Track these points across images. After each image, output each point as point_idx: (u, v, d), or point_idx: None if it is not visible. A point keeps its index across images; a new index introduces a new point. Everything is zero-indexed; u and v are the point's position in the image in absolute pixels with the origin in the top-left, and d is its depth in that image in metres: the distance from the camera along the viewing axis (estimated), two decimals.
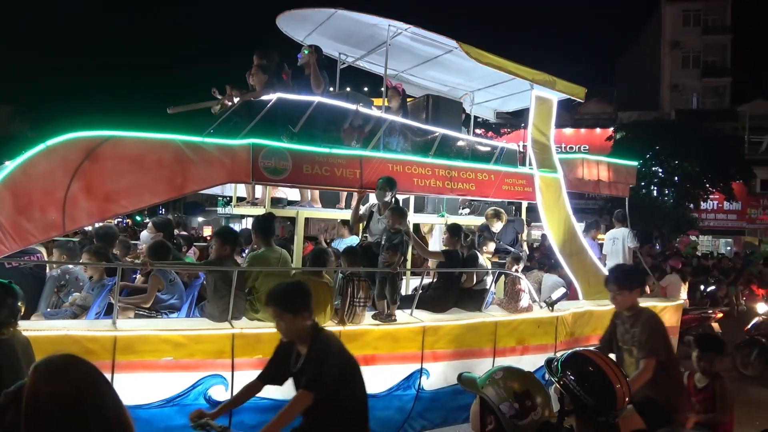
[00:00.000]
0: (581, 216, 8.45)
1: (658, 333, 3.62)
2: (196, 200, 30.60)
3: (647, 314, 3.73)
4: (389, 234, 5.16)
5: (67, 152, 4.25)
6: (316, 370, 2.90)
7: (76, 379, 1.27)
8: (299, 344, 3.03)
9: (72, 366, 1.31)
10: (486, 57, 6.42)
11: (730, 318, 14.09)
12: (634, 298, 3.78)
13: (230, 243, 4.75)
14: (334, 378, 2.90)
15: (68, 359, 1.33)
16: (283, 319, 2.95)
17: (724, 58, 34.47)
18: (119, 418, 1.31)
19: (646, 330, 3.59)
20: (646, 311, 3.78)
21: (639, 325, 3.64)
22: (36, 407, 1.24)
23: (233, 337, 4.30)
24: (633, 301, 3.77)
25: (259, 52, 6.09)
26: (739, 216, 29.62)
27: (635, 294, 3.78)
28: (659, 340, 3.60)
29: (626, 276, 3.86)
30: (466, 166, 6.48)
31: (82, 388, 1.25)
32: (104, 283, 4.80)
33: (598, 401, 1.99)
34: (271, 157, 5.00)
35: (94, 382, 1.30)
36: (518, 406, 1.97)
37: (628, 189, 8.39)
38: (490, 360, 5.34)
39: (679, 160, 23.17)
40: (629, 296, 3.74)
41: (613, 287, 3.80)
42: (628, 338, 3.71)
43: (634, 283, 3.82)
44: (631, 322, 3.72)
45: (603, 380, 2.02)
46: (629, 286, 3.74)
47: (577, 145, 30.63)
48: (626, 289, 3.73)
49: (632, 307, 3.77)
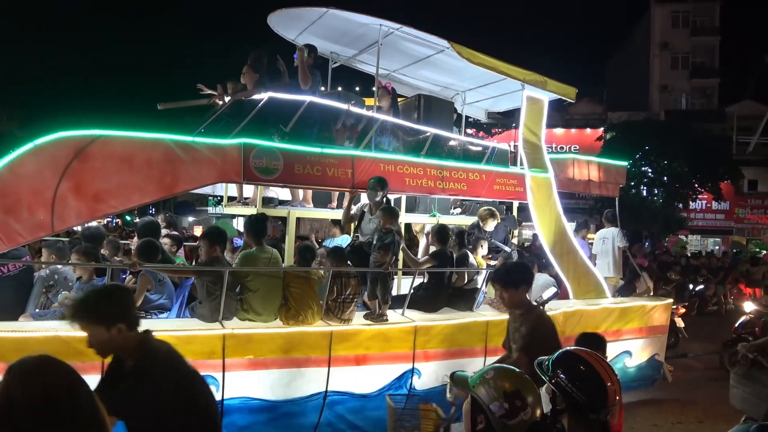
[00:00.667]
0: (572, 216, 8.48)
1: (538, 333, 3.44)
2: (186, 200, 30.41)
3: (535, 314, 3.57)
4: (380, 234, 5.17)
5: (55, 151, 4.21)
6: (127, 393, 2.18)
7: (52, 380, 1.25)
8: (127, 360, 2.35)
9: (47, 367, 1.29)
10: (477, 57, 6.43)
11: (718, 317, 14.26)
12: (521, 296, 3.60)
13: (219, 244, 4.73)
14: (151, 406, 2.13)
15: (43, 360, 1.30)
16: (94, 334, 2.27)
17: (712, 59, 34.75)
18: (95, 419, 1.29)
19: (527, 329, 3.46)
20: (536, 311, 3.59)
21: (525, 324, 3.50)
22: (10, 409, 1.22)
23: (224, 337, 4.28)
24: (520, 299, 3.60)
25: (254, 53, 6.09)
26: (727, 216, 29.89)
27: (522, 292, 3.60)
28: (537, 340, 3.39)
29: (510, 274, 3.67)
30: (458, 165, 6.49)
31: (57, 390, 1.24)
32: (93, 284, 4.76)
33: (589, 399, 2.01)
34: (262, 156, 4.98)
35: (69, 383, 1.27)
36: (508, 405, 1.98)
37: (618, 189, 8.45)
38: (482, 359, 5.35)
39: (668, 160, 23.32)
40: (515, 294, 3.57)
41: (497, 285, 3.67)
42: (517, 337, 3.55)
43: (519, 281, 3.60)
44: (520, 321, 3.56)
45: (594, 378, 2.04)
46: (514, 284, 3.57)
47: (567, 145, 30.75)
48: (511, 287, 3.56)
49: (521, 305, 3.61)
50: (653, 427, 6.16)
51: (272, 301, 4.73)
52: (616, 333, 6.63)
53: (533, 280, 3.71)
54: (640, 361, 6.97)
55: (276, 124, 5.35)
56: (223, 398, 4.27)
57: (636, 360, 6.91)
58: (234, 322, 4.61)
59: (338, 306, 4.89)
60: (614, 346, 6.61)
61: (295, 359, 4.56)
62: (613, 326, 6.61)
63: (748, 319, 8.68)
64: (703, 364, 9.31)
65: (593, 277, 7.20)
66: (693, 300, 14.75)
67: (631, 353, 6.84)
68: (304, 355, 4.58)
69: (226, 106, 5.84)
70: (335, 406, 4.71)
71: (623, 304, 6.99)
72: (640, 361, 6.96)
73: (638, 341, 6.94)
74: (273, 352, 4.48)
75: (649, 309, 7.06)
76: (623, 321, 6.74)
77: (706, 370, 8.86)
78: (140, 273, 4.79)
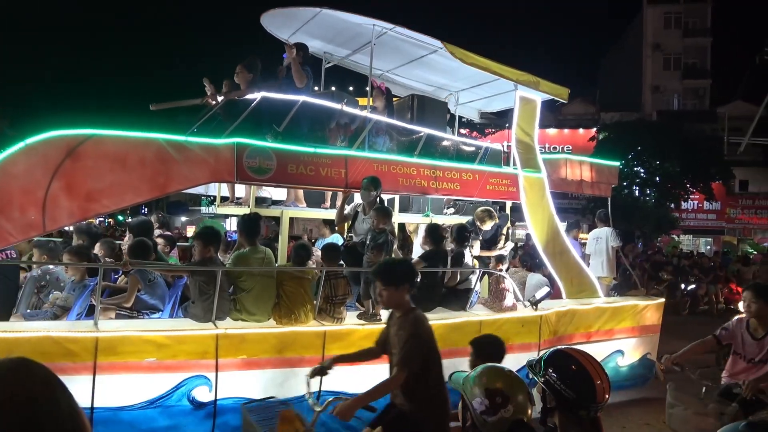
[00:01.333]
0: (564, 216, 8.54)
1: (419, 341, 3.12)
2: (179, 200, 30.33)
3: (413, 317, 3.21)
4: (374, 234, 5.17)
5: (47, 151, 4.19)
6: None
7: (29, 383, 1.19)
8: None
9: (24, 370, 1.22)
10: (470, 57, 6.45)
11: (710, 316, 14.34)
12: (402, 296, 3.26)
13: (213, 244, 4.72)
14: None
15: (20, 363, 1.23)
16: None
17: (704, 60, 34.99)
18: (75, 424, 1.26)
19: (406, 333, 3.13)
20: (414, 314, 3.24)
21: (405, 329, 3.17)
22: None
23: (217, 337, 4.27)
24: (400, 299, 3.26)
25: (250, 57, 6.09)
26: (719, 216, 30.11)
27: (402, 291, 3.25)
28: (418, 348, 3.09)
29: (391, 271, 3.33)
30: (451, 165, 6.51)
31: (35, 394, 1.17)
32: (86, 284, 4.74)
33: (578, 395, 2.04)
34: (255, 156, 4.97)
35: (48, 387, 1.21)
36: (488, 402, 2.04)
37: (610, 189, 8.49)
38: None
39: (660, 161, 23.45)
40: (395, 293, 3.24)
41: (378, 283, 3.36)
42: (396, 341, 3.23)
43: (401, 280, 3.25)
44: (398, 324, 3.25)
45: (583, 375, 2.07)
46: (394, 283, 3.23)
47: (560, 146, 30.89)
48: (391, 285, 3.23)
49: (400, 306, 3.28)
50: (645, 426, 6.19)
51: (265, 301, 4.72)
52: (608, 332, 6.67)
53: (416, 280, 3.38)
54: (632, 360, 7.00)
55: (269, 124, 5.34)
56: (216, 398, 4.26)
57: (628, 359, 6.94)
58: (227, 322, 4.60)
59: (330, 306, 4.89)
60: (606, 346, 6.65)
61: (288, 359, 4.55)
62: (605, 325, 6.65)
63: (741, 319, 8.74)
64: (694, 363, 9.35)
65: (586, 276, 7.23)
66: (684, 299, 14.86)
67: (623, 352, 6.87)
68: (297, 354, 4.58)
69: (219, 106, 5.83)
70: (329, 406, 4.70)
71: (615, 303, 7.02)
72: (632, 360, 7.00)
73: (630, 340, 6.98)
74: (266, 351, 4.47)
75: (641, 308, 7.10)
76: (615, 320, 6.78)
77: (698, 369, 8.89)
78: (130, 273, 4.77)
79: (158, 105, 5.92)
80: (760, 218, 29.94)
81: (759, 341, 4.08)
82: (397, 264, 3.49)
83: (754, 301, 4.06)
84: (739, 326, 4.23)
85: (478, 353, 3.39)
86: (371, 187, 5.43)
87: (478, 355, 3.38)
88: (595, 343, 6.41)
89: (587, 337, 6.45)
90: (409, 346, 3.06)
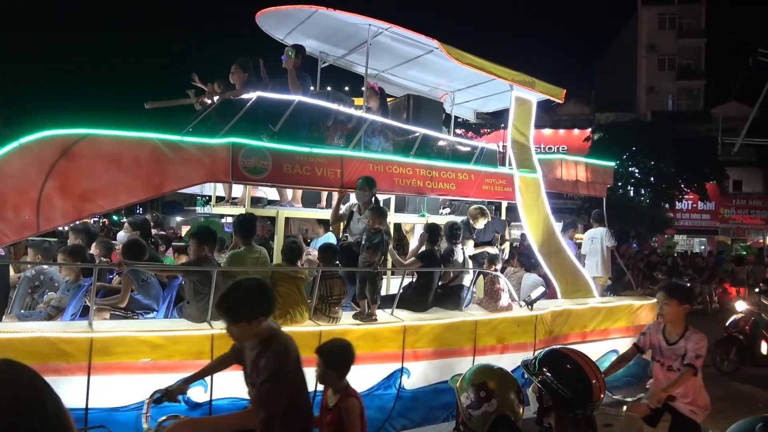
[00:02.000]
0: (560, 216, 8.55)
1: (283, 379, 2.52)
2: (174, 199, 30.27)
3: (277, 348, 2.56)
4: (369, 234, 5.17)
5: (41, 150, 4.17)
6: None
7: (13, 385, 1.17)
8: None
9: (8, 371, 1.20)
10: (466, 58, 6.46)
11: (704, 315, 14.41)
12: (257, 328, 2.57)
13: (208, 243, 4.70)
14: None
15: (4, 364, 1.21)
16: None
17: (698, 61, 35.18)
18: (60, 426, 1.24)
19: (267, 373, 2.48)
20: (278, 343, 2.59)
21: (266, 361, 2.52)
22: None
23: (212, 337, 4.26)
24: (256, 330, 2.58)
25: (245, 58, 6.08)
26: (713, 216, 30.26)
27: (257, 324, 2.56)
28: (283, 389, 2.51)
29: (238, 305, 2.57)
30: (447, 166, 6.51)
31: (20, 396, 1.15)
32: (80, 284, 4.72)
33: (575, 395, 2.06)
34: (251, 156, 4.96)
35: (32, 388, 1.19)
36: (473, 396, 2.08)
37: (605, 189, 8.52)
38: (470, 359, 5.37)
39: (655, 161, 23.56)
40: (248, 328, 2.55)
41: (224, 318, 2.64)
42: (253, 369, 2.61)
43: (253, 313, 2.55)
44: (258, 350, 2.59)
45: (580, 375, 2.10)
46: (245, 318, 2.55)
47: (555, 146, 30.98)
48: (242, 321, 2.55)
49: (257, 335, 2.60)
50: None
51: None
52: (603, 332, 6.69)
53: (273, 305, 2.71)
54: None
55: (265, 124, 5.33)
56: (211, 398, 4.25)
57: None
58: (222, 322, 4.58)
59: (326, 306, 4.89)
60: (601, 345, 6.67)
61: None
62: (600, 325, 6.67)
63: (738, 318, 8.79)
64: None
65: (581, 276, 7.25)
66: None
67: (618, 352, 6.88)
68: None
69: (214, 106, 5.82)
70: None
71: (610, 303, 7.05)
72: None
73: (625, 340, 6.98)
74: None
75: (636, 308, 7.12)
76: (610, 320, 6.80)
77: None
78: (123, 273, 4.75)
79: (153, 103, 5.91)
80: (753, 218, 30.11)
81: (672, 346, 3.68)
82: (245, 294, 2.59)
83: (667, 302, 3.66)
84: (656, 331, 3.83)
85: (326, 362, 3.08)
86: (366, 187, 5.43)
87: (326, 364, 3.08)
88: (590, 342, 6.43)
89: (582, 337, 6.47)
90: (271, 387, 2.47)
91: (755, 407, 6.95)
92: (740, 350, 8.51)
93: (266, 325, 2.62)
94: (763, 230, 30.40)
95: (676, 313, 3.64)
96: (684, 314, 3.67)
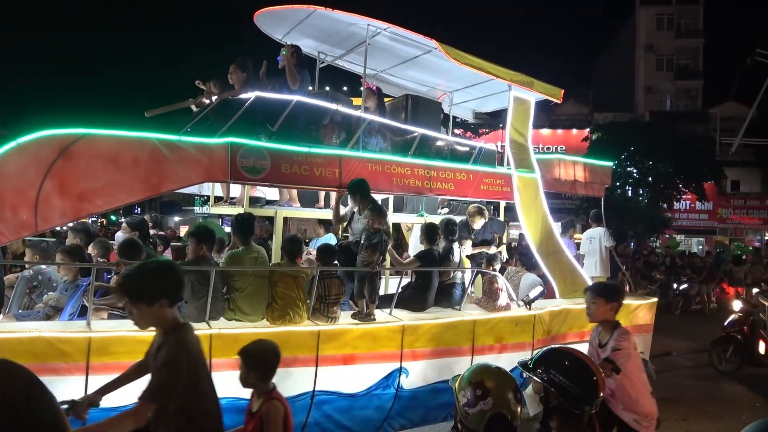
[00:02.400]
0: (558, 216, 8.56)
1: (176, 369, 2.36)
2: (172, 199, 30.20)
3: (175, 338, 2.45)
4: (368, 233, 5.17)
5: (39, 150, 4.17)
6: None
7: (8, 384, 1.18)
8: None
9: (4, 371, 1.21)
10: (465, 58, 6.46)
11: (701, 315, 14.45)
12: (161, 314, 2.45)
13: (206, 242, 4.69)
14: None
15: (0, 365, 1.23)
16: None
17: (696, 61, 35.23)
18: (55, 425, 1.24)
19: (160, 362, 2.39)
20: (179, 333, 2.47)
21: (165, 349, 2.43)
22: None
23: (211, 337, 4.26)
24: (159, 317, 2.45)
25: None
26: (711, 216, 30.31)
27: (160, 308, 2.43)
28: (175, 379, 2.35)
29: (138, 284, 2.46)
30: (445, 166, 6.52)
31: (14, 394, 1.16)
32: (78, 284, 4.71)
33: (584, 390, 2.08)
34: (249, 156, 4.96)
35: (27, 388, 1.20)
36: (470, 394, 2.10)
37: (603, 189, 8.52)
38: (469, 358, 5.37)
39: (653, 161, 23.59)
40: (148, 311, 2.43)
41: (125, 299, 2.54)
42: (152, 363, 2.51)
43: (155, 294, 2.42)
44: (159, 342, 2.51)
45: (587, 371, 2.13)
46: (145, 299, 2.42)
47: (553, 146, 30.99)
48: (141, 302, 2.41)
49: (160, 324, 2.49)
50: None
51: (259, 301, 4.71)
52: None
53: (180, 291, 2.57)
54: None
55: (263, 124, 5.33)
56: None
57: None
58: (221, 322, 4.58)
59: (324, 306, 4.89)
60: None
61: (282, 359, 4.48)
62: None
63: (736, 318, 8.80)
64: (687, 362, 9.42)
65: (579, 276, 7.26)
66: (677, 299, 14.95)
67: None
68: (291, 354, 4.56)
69: (212, 106, 5.81)
70: (323, 406, 4.71)
71: None
72: None
73: None
74: None
75: (634, 308, 7.13)
76: None
77: (690, 368, 8.97)
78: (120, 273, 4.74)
79: (153, 111, 5.88)
80: (751, 218, 30.17)
81: (603, 348, 3.54)
82: (149, 274, 2.49)
83: (593, 300, 3.58)
84: (594, 336, 3.73)
85: (246, 364, 3.00)
86: (354, 194, 5.44)
87: (247, 366, 3.00)
88: (588, 342, 6.43)
89: (580, 337, 6.47)
90: (160, 378, 2.36)
91: (753, 407, 6.97)
92: (738, 350, 8.53)
93: (171, 316, 2.50)
94: (761, 230, 30.47)
95: (604, 312, 3.57)
96: (613, 313, 3.60)
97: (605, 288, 3.73)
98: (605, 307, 3.55)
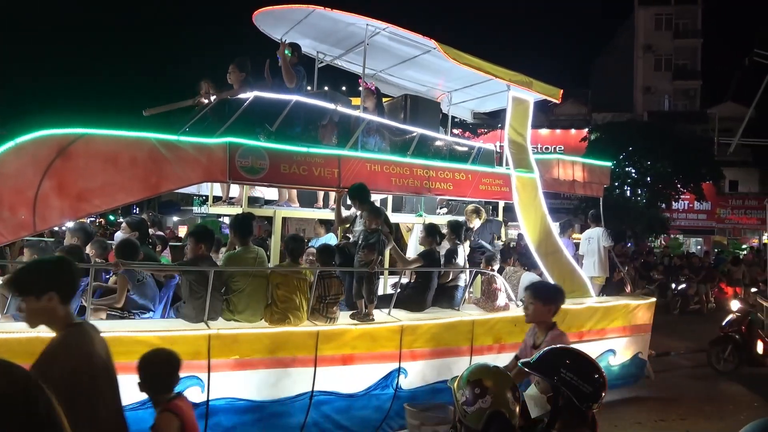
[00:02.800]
0: (556, 216, 8.56)
1: (50, 365, 2.23)
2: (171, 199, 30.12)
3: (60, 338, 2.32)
4: (366, 234, 5.17)
5: (38, 150, 4.16)
6: None
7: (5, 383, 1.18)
8: None
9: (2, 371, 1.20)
10: (464, 58, 6.46)
11: (700, 315, 14.46)
12: (51, 311, 2.28)
13: (205, 242, 4.68)
14: None
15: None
16: None
17: (694, 61, 35.26)
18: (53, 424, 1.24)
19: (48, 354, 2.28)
20: (66, 333, 2.32)
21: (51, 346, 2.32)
22: None
23: (209, 337, 4.25)
24: (49, 314, 2.30)
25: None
26: (709, 216, 30.33)
27: (51, 303, 2.26)
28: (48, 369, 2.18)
29: (25, 278, 2.34)
30: (444, 166, 6.51)
31: (11, 393, 1.16)
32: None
33: (595, 388, 2.10)
34: (248, 156, 4.96)
35: (25, 387, 1.19)
36: (469, 393, 2.11)
37: (602, 189, 8.53)
38: (468, 359, 5.37)
39: (652, 161, 23.62)
40: (37, 306, 2.27)
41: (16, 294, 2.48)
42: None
43: (43, 287, 2.25)
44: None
45: (594, 368, 2.15)
46: (33, 292, 2.26)
47: (552, 146, 30.99)
48: (30, 295, 2.27)
49: (51, 322, 2.33)
50: (637, 425, 6.23)
51: (258, 301, 4.70)
52: (600, 332, 6.70)
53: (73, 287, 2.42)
54: (624, 359, 7.04)
55: (262, 124, 5.33)
56: (208, 399, 4.24)
57: (620, 358, 6.98)
58: (219, 322, 4.58)
59: (323, 306, 4.88)
60: (598, 345, 6.68)
61: (281, 359, 4.54)
62: (597, 325, 6.67)
63: (734, 318, 8.81)
64: (685, 362, 9.44)
65: (578, 276, 7.26)
66: (675, 299, 14.97)
67: (615, 351, 6.91)
68: (290, 355, 4.57)
69: (211, 106, 5.81)
70: (322, 406, 4.71)
71: (607, 303, 7.06)
72: (623, 360, 7.03)
73: (622, 340, 7.01)
74: (259, 352, 4.46)
75: (633, 308, 7.14)
76: (607, 320, 6.81)
77: (689, 368, 8.99)
78: (118, 273, 4.74)
79: (151, 110, 5.87)
80: (749, 218, 30.18)
81: (536, 349, 3.42)
82: (38, 267, 2.42)
83: (531, 301, 3.57)
84: (529, 336, 3.71)
85: (143, 377, 2.81)
86: (355, 201, 5.44)
87: (143, 379, 2.80)
88: (587, 342, 6.43)
89: (579, 337, 6.47)
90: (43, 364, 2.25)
91: (752, 407, 6.98)
92: (736, 349, 8.54)
93: (63, 314, 2.32)
94: (759, 230, 30.50)
95: (541, 313, 3.56)
96: (551, 315, 3.58)
97: (545, 290, 3.74)
98: (543, 308, 3.55)
